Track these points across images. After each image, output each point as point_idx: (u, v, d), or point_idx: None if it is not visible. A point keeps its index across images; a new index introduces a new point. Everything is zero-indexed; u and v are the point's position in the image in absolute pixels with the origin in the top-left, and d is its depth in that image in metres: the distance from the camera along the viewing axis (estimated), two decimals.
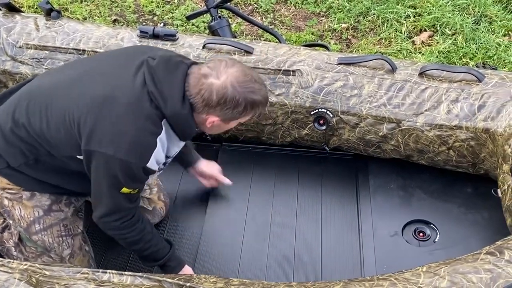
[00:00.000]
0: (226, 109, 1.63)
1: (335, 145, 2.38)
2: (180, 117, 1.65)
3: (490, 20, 3.61)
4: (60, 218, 1.86)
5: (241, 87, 1.62)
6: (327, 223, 2.17)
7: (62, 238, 1.86)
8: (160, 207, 2.17)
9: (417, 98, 2.18)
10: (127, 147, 1.59)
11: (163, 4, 3.76)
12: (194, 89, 1.62)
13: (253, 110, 1.69)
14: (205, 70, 1.63)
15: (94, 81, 1.67)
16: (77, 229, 1.91)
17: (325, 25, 3.62)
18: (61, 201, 1.88)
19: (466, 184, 2.26)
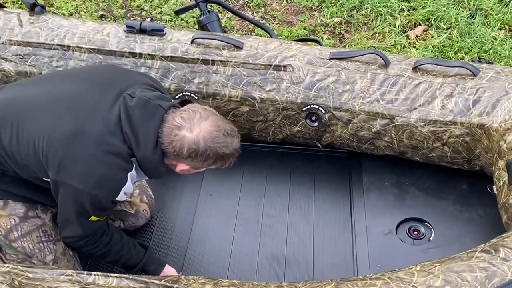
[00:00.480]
0: (196, 161, 1.70)
1: (327, 142, 2.37)
2: (150, 162, 1.71)
3: (486, 14, 3.61)
4: (38, 224, 1.85)
5: (213, 142, 1.67)
6: (319, 222, 2.17)
7: (43, 244, 1.85)
8: (144, 209, 2.15)
9: (410, 93, 2.17)
10: (97, 182, 1.63)
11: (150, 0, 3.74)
12: (166, 139, 1.67)
13: (223, 161, 1.75)
14: (179, 121, 1.67)
15: (66, 112, 1.68)
16: (58, 235, 1.89)
17: (317, 20, 3.62)
18: (37, 208, 1.87)
19: (461, 181, 2.26)
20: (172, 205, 2.25)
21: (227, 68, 2.28)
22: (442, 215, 2.14)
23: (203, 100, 2.30)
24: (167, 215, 2.21)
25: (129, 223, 2.13)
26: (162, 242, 2.12)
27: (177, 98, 2.31)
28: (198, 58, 2.29)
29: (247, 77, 2.27)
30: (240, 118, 2.34)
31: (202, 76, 2.29)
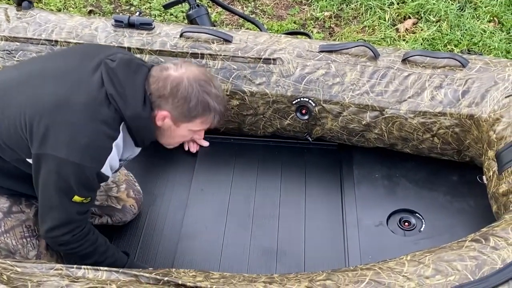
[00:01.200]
0: (177, 101, 1.64)
1: (318, 135, 2.37)
2: (141, 120, 1.66)
3: (475, 6, 3.62)
4: (22, 219, 1.81)
5: (197, 84, 1.65)
6: (310, 214, 2.17)
7: (26, 240, 1.80)
8: (131, 204, 2.12)
9: (400, 85, 2.18)
10: (81, 150, 1.58)
11: None
12: (152, 85, 1.66)
13: (205, 114, 1.69)
14: (167, 65, 1.67)
15: (48, 83, 1.65)
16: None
17: (307, 14, 3.61)
18: (21, 203, 1.83)
19: (451, 172, 2.26)
20: (162, 200, 2.24)
21: (217, 62, 2.28)
22: (433, 206, 2.15)
23: None
24: (157, 210, 2.20)
25: (117, 219, 2.11)
26: (153, 236, 2.11)
27: None
28: (187, 52, 2.28)
29: (236, 71, 2.27)
30: (230, 112, 2.34)
31: None
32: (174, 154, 2.35)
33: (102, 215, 2.10)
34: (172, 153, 2.33)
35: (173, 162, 2.35)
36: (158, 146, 2.29)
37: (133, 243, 2.08)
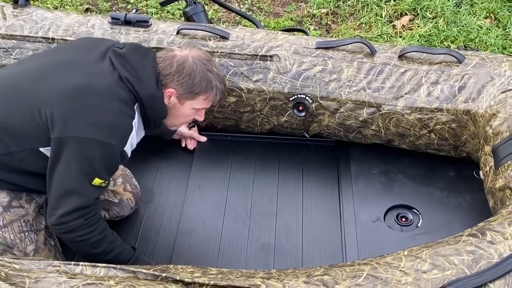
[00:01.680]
0: (183, 78, 1.76)
1: (315, 131, 2.37)
2: (156, 100, 1.76)
3: (472, 3, 3.63)
4: (21, 214, 1.82)
5: (201, 63, 1.78)
6: (308, 210, 2.17)
7: (24, 234, 1.81)
8: (128, 198, 2.12)
9: (396, 81, 2.18)
10: (108, 129, 1.64)
11: None
12: (159, 64, 1.78)
13: (207, 91, 1.80)
14: (171, 48, 1.79)
15: (63, 73, 1.70)
16: (40, 225, 1.87)
17: (304, 11, 3.62)
18: (21, 198, 1.84)
19: (448, 168, 2.27)
20: (160, 196, 2.24)
21: (214, 59, 2.27)
22: (430, 202, 2.15)
23: None
24: (155, 206, 2.21)
25: (114, 213, 2.11)
26: (151, 233, 2.11)
27: None
28: None
29: (233, 68, 2.27)
30: (227, 109, 2.34)
31: None
32: (171, 151, 2.35)
33: (100, 210, 2.09)
34: (169, 150, 2.34)
35: (171, 159, 2.35)
36: (157, 142, 2.31)
37: (131, 239, 2.08)
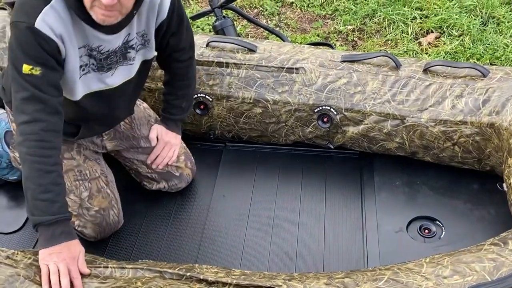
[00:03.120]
0: None
1: (339, 143, 2.40)
2: None
3: (498, 21, 3.64)
4: (74, 165, 2.00)
5: None
6: (330, 221, 2.19)
7: (79, 182, 1.99)
8: (187, 174, 2.29)
9: (421, 94, 2.20)
10: (17, 9, 1.61)
11: None
12: None
13: None
14: None
15: None
16: (94, 173, 2.04)
17: (330, 27, 3.67)
18: (72, 149, 2.03)
19: (472, 181, 2.27)
20: (185, 204, 2.28)
21: (241, 71, 2.33)
22: (453, 214, 2.15)
23: (217, 101, 2.35)
24: (180, 214, 2.24)
25: (173, 184, 2.28)
26: (175, 239, 2.15)
27: None
28: (212, 60, 2.34)
29: (260, 79, 2.32)
30: (253, 120, 2.39)
31: (216, 78, 2.34)
32: (197, 160, 2.39)
33: (160, 181, 2.26)
34: (196, 160, 2.38)
35: (197, 168, 2.39)
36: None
37: (157, 242, 2.12)
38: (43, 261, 1.56)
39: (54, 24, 1.61)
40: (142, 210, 2.25)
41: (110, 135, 2.14)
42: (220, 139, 2.52)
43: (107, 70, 1.82)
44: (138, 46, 1.87)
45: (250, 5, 3.85)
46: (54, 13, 1.61)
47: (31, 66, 1.61)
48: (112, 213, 2.05)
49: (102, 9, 1.57)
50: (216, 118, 2.41)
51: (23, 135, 1.64)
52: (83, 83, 1.79)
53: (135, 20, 1.79)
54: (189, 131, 2.50)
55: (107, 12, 1.58)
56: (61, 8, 1.62)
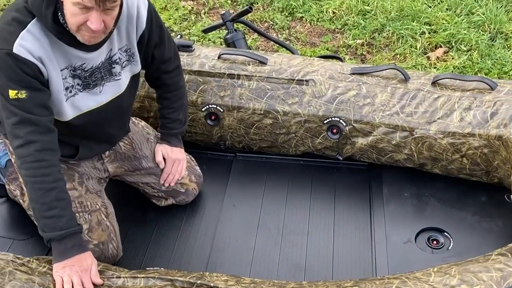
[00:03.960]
0: None
1: (348, 154, 2.41)
2: (34, 3, 1.65)
3: (506, 37, 3.65)
4: (75, 195, 1.96)
5: None
6: (339, 231, 2.20)
7: (79, 214, 1.95)
8: (193, 188, 2.30)
9: (430, 106, 2.22)
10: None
11: (180, 21, 3.87)
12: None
13: None
14: None
15: None
16: (95, 206, 2.00)
17: (340, 41, 3.70)
18: (74, 180, 1.99)
19: (480, 193, 2.27)
20: (196, 213, 2.30)
21: (252, 82, 2.36)
22: (461, 226, 2.15)
23: (228, 112, 2.38)
24: (191, 223, 2.26)
25: (180, 199, 2.30)
26: (186, 248, 2.16)
27: (203, 111, 2.40)
28: (224, 72, 2.38)
29: (270, 91, 2.35)
30: (263, 131, 2.41)
31: (227, 90, 2.37)
32: (208, 170, 2.41)
33: (167, 198, 2.28)
34: (206, 169, 2.40)
35: (207, 178, 2.41)
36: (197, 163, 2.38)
37: (167, 251, 2.14)
38: (57, 273, 1.64)
39: (32, 47, 1.66)
40: (153, 219, 2.27)
41: (110, 157, 2.14)
42: (231, 149, 2.54)
43: (93, 87, 1.85)
44: (124, 62, 1.90)
45: (261, 19, 3.90)
46: (31, 37, 1.65)
47: (16, 90, 1.66)
48: (111, 246, 2.01)
49: (89, 32, 1.64)
50: (227, 128, 2.44)
51: (20, 159, 1.70)
52: (72, 105, 1.82)
53: (115, 36, 1.84)
54: (200, 141, 2.53)
55: (93, 34, 1.65)
56: (37, 32, 1.67)
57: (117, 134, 2.10)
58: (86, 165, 2.07)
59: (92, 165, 2.09)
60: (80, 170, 2.05)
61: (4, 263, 1.47)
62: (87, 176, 2.06)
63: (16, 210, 2.25)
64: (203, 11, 3.96)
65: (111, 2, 1.59)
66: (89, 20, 1.60)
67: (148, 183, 2.24)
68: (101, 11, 1.60)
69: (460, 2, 3.89)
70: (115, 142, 2.13)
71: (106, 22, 1.64)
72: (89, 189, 2.03)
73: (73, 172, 2.02)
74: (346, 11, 3.89)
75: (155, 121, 2.46)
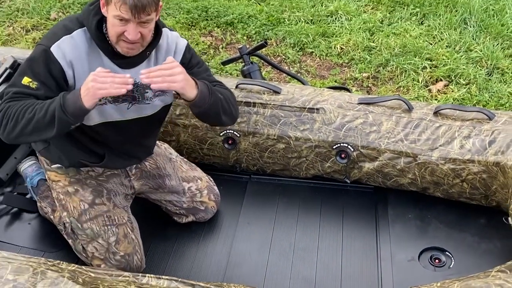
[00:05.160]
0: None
1: (355, 177, 2.44)
2: (87, 9, 1.79)
3: (502, 72, 3.69)
4: (103, 210, 2.03)
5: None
6: (347, 249, 2.21)
7: (107, 227, 2.01)
8: (212, 206, 2.33)
9: (432, 134, 2.25)
10: (45, 34, 1.82)
11: (200, 54, 3.95)
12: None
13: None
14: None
15: None
16: (121, 220, 2.05)
17: (347, 74, 3.76)
18: (102, 196, 2.06)
19: (479, 216, 2.28)
20: (213, 231, 2.33)
21: (267, 110, 2.41)
22: (462, 246, 2.16)
23: (244, 137, 2.43)
24: (208, 239, 2.29)
25: (200, 217, 2.33)
26: (203, 263, 2.18)
27: (221, 135, 2.44)
28: (241, 100, 2.43)
29: (283, 118, 2.39)
30: (276, 155, 2.45)
31: (244, 116, 2.42)
32: (225, 191, 2.44)
33: (188, 215, 2.31)
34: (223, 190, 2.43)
35: (224, 198, 2.43)
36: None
37: (185, 265, 2.16)
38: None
39: (67, 50, 1.76)
40: (173, 235, 2.30)
41: (137, 175, 2.19)
42: (246, 172, 2.58)
43: (122, 102, 1.90)
44: (157, 91, 1.91)
45: (274, 54, 3.97)
46: (71, 42, 1.77)
47: (31, 79, 1.76)
48: (135, 258, 2.05)
49: (127, 42, 1.73)
50: (243, 152, 2.48)
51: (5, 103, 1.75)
52: (99, 113, 1.88)
53: (153, 63, 1.89)
54: (218, 164, 2.57)
55: (131, 45, 1.74)
56: (79, 39, 1.79)
57: (138, 151, 2.12)
58: (114, 181, 2.12)
59: (120, 182, 2.14)
60: (108, 187, 2.09)
61: (37, 265, 1.51)
62: (115, 193, 2.11)
63: (47, 225, 2.29)
64: (221, 46, 4.05)
65: (145, 15, 1.66)
66: (126, 31, 1.69)
67: (171, 200, 2.27)
68: (137, 23, 1.68)
69: (459, 40, 3.94)
70: (137, 158, 2.15)
71: (143, 33, 1.72)
72: (116, 205, 2.08)
73: (102, 189, 2.07)
74: (353, 47, 3.96)
75: (177, 144, 2.51)
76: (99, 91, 1.65)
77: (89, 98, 1.66)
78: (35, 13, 4.39)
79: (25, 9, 4.45)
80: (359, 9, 4.37)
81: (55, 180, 2.08)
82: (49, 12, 4.39)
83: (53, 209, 2.20)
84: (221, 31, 4.19)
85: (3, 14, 4.44)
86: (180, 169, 2.29)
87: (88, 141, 1.97)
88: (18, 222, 2.32)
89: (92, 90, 1.65)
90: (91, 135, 1.96)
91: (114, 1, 1.65)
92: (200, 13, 4.32)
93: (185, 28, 4.21)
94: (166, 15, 4.31)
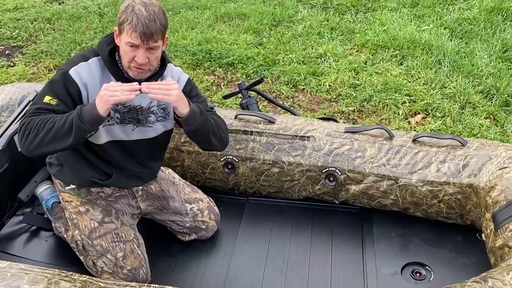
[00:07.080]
0: (117, 14, 1.76)
1: (343, 199, 2.43)
2: (102, 40, 1.86)
3: (474, 106, 3.71)
4: (112, 228, 2.01)
5: (137, 1, 1.72)
6: (336, 264, 2.18)
7: (115, 243, 1.99)
8: (212, 225, 2.31)
9: (411, 159, 2.25)
10: (66, 61, 1.88)
11: (204, 91, 3.98)
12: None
13: (128, 19, 1.69)
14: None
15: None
16: (128, 236, 2.02)
17: (335, 108, 3.78)
18: (111, 215, 2.03)
19: (456, 233, 2.26)
20: (213, 247, 2.30)
21: (262, 138, 2.42)
22: (440, 260, 2.13)
23: (242, 162, 2.42)
24: (208, 255, 2.26)
25: (202, 235, 2.30)
26: (204, 276, 2.15)
27: (222, 160, 2.44)
28: (240, 129, 2.43)
29: (278, 145, 2.39)
30: (271, 178, 2.44)
31: (242, 143, 2.42)
32: (224, 211, 2.42)
33: (191, 234, 2.28)
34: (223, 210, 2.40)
35: (223, 218, 2.41)
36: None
37: (187, 281, 2.12)
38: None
39: (83, 73, 1.82)
40: (177, 252, 2.27)
41: (143, 196, 2.17)
42: (244, 194, 2.56)
43: (128, 123, 1.93)
44: (159, 117, 1.98)
45: (270, 90, 4.00)
46: (87, 67, 1.83)
47: (51, 97, 1.80)
48: (142, 272, 2.02)
49: (136, 67, 1.78)
50: (241, 176, 2.47)
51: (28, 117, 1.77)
52: (108, 132, 1.91)
53: None
54: (218, 187, 2.56)
55: (140, 69, 1.79)
56: (94, 66, 1.85)
57: (142, 172, 2.11)
58: (122, 202, 2.10)
59: (127, 202, 2.12)
60: (116, 207, 2.08)
61: (51, 275, 1.48)
62: (122, 212, 2.09)
63: (62, 243, 2.26)
64: (222, 84, 4.09)
65: (153, 42, 1.72)
66: (136, 56, 1.75)
67: (174, 220, 2.25)
68: (146, 49, 1.73)
69: (434, 78, 3.98)
70: (142, 179, 2.13)
71: (150, 59, 1.77)
72: (124, 223, 2.06)
73: (111, 208, 2.05)
74: (340, 84, 3.99)
75: (181, 169, 2.50)
76: (111, 98, 1.68)
77: (103, 104, 1.69)
78: (57, 54, 4.45)
79: (48, 51, 4.51)
80: (345, 52, 4.43)
81: (68, 201, 2.07)
82: (69, 54, 4.45)
83: (66, 229, 2.18)
84: (223, 71, 4.24)
85: (29, 55, 4.49)
86: (182, 192, 2.28)
87: (97, 159, 1.98)
88: (36, 239, 2.29)
89: (105, 98, 1.68)
90: (100, 154, 1.97)
91: (126, 30, 1.71)
92: (204, 55, 4.38)
93: (191, 68, 4.26)
94: (174, 56, 4.37)
